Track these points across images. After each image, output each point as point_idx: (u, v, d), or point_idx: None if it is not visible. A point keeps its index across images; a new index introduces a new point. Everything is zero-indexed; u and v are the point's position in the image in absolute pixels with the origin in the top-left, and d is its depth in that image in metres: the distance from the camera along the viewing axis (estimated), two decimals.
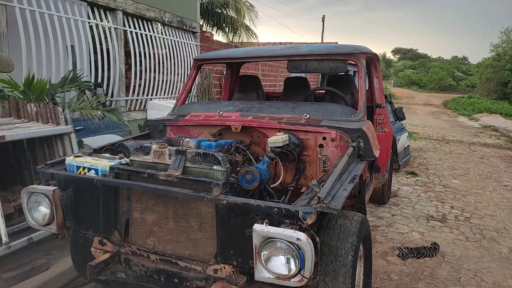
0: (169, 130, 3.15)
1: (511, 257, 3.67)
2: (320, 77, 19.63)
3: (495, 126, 15.51)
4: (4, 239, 2.69)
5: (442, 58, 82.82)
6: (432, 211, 4.96)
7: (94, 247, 2.25)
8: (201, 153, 2.05)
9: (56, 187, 2.14)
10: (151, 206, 2.17)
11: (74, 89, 4.41)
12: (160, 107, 6.65)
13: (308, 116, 2.74)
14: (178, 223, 2.11)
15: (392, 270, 3.32)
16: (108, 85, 6.02)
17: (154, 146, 2.17)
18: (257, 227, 1.65)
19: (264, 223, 1.67)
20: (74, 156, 2.33)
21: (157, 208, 2.16)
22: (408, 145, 7.24)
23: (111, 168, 2.16)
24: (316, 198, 1.73)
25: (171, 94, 7.73)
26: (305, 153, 2.67)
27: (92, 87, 4.92)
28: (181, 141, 2.71)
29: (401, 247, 3.71)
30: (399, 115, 6.08)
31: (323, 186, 1.86)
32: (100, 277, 2.18)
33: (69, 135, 3.35)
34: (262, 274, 1.69)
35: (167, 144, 2.19)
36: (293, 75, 7.09)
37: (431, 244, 3.84)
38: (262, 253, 1.67)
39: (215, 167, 2.01)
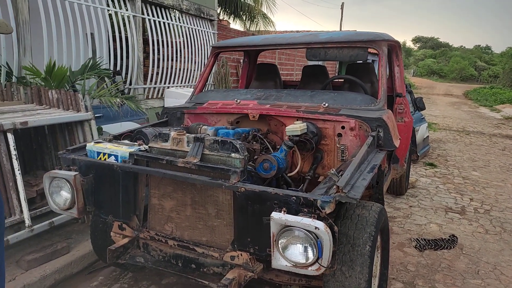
0: (187, 118, 3.17)
1: None
2: (337, 66, 19.37)
3: None
4: (27, 222, 2.77)
5: (464, 47, 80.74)
6: (451, 203, 4.88)
7: (114, 231, 2.29)
8: (219, 140, 2.05)
9: (77, 173, 2.18)
10: (169, 192, 2.20)
11: (93, 76, 4.46)
12: (177, 95, 6.69)
13: (326, 104, 2.71)
14: (196, 210, 2.13)
15: (409, 261, 3.29)
16: (126, 73, 6.07)
17: (173, 133, 2.19)
18: (275, 215, 1.65)
19: (282, 211, 1.66)
20: (94, 143, 2.37)
21: (175, 195, 2.18)
22: (428, 136, 7.11)
23: (131, 154, 2.19)
24: (335, 187, 1.71)
25: (188, 82, 7.75)
26: (323, 142, 2.65)
27: (111, 75, 4.97)
28: (199, 128, 2.72)
29: (419, 239, 3.67)
30: (418, 105, 5.96)
31: (341, 175, 1.85)
32: (119, 261, 2.22)
33: (89, 122, 3.40)
34: (279, 262, 1.70)
35: (185, 132, 2.20)
36: (310, 63, 7.02)
37: (449, 236, 3.78)
38: (279, 241, 1.67)
39: (233, 154, 2.01)
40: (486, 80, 49.90)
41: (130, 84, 6.14)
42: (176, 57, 7.26)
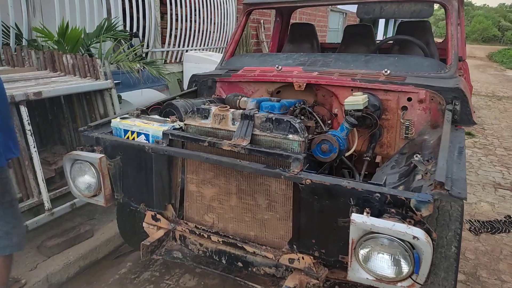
0: (219, 87, 2.78)
1: None
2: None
3: None
4: (47, 205, 2.49)
5: (488, 6, 76.81)
6: (498, 177, 4.48)
7: (147, 222, 1.98)
8: (273, 118, 1.68)
9: (103, 155, 1.85)
10: (209, 178, 1.86)
11: (110, 39, 4.05)
12: (197, 59, 6.26)
13: (388, 71, 2.28)
14: (242, 200, 1.80)
15: (466, 247, 2.96)
16: (143, 35, 5.62)
17: (214, 109, 1.82)
18: (356, 218, 1.30)
19: (365, 213, 1.31)
20: (120, 118, 2.02)
21: (217, 182, 1.84)
22: None
23: (165, 133, 1.84)
24: (431, 182, 1.34)
25: (207, 45, 7.26)
26: (383, 117, 2.25)
27: (128, 38, 4.56)
28: (237, 100, 2.35)
29: (472, 220, 3.33)
30: None
31: (432, 164, 1.47)
32: (153, 256, 1.93)
33: (110, 91, 3.05)
34: (358, 274, 1.37)
35: (229, 107, 1.82)
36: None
37: (505, 217, 3.43)
38: (360, 250, 1.33)
39: (290, 136, 1.65)
40: (509, 41, 47.64)
41: (148, 47, 5.71)
42: (194, 17, 6.74)
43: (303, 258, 1.58)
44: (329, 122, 2.38)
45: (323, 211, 1.47)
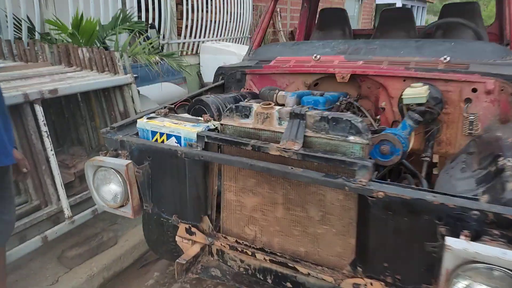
0: (249, 80, 2.53)
1: None
2: (373, 14, 17.79)
3: None
4: (67, 213, 2.28)
5: None
6: None
7: (180, 236, 1.76)
8: (330, 117, 1.42)
9: (129, 161, 1.62)
10: (251, 186, 1.62)
11: (126, 30, 3.82)
12: (215, 51, 6.02)
13: (448, 58, 2.00)
14: (290, 211, 1.56)
15: None
16: (159, 27, 5.38)
17: (256, 106, 1.57)
18: (454, 243, 1.04)
19: (464, 237, 1.06)
20: (147, 118, 1.78)
21: (260, 190, 1.60)
22: None
23: (199, 136, 1.60)
24: None
25: (223, 36, 6.98)
26: (443, 111, 1.98)
27: (145, 29, 4.32)
28: (274, 95, 2.10)
29: None
30: None
31: None
32: (190, 275, 1.70)
33: (129, 86, 2.82)
34: None
35: (273, 104, 1.57)
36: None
37: None
38: (456, 282, 1.08)
39: (351, 137, 1.39)
40: None
41: (163, 38, 5.47)
42: (208, 7, 6.46)
43: (371, 284, 1.33)
44: (377, 118, 2.12)
45: (399, 230, 1.22)
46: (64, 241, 2.48)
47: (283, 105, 2.08)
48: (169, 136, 1.70)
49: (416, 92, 1.76)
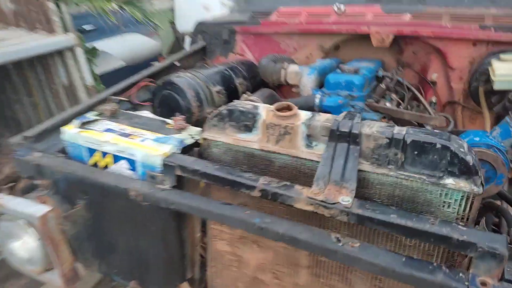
0: (241, 41, 1.81)
1: None
2: None
3: None
4: None
5: None
6: None
7: None
8: (407, 140, 0.75)
9: (48, 208, 0.94)
10: (255, 236, 0.98)
11: None
12: None
13: None
14: (321, 279, 0.94)
15: None
16: None
17: (266, 112, 0.88)
18: None
19: None
20: (82, 124, 1.07)
21: (271, 243, 0.97)
22: None
23: (167, 165, 0.91)
24: None
25: None
26: None
27: None
28: (281, 70, 1.41)
29: None
30: None
31: None
32: None
33: (73, 50, 2.04)
34: None
35: (296, 107, 0.88)
36: None
37: None
38: None
39: (449, 180, 0.74)
40: None
41: None
42: None
43: None
44: (432, 101, 1.46)
45: None
46: None
47: (296, 86, 1.40)
48: (117, 158, 1.01)
49: None
